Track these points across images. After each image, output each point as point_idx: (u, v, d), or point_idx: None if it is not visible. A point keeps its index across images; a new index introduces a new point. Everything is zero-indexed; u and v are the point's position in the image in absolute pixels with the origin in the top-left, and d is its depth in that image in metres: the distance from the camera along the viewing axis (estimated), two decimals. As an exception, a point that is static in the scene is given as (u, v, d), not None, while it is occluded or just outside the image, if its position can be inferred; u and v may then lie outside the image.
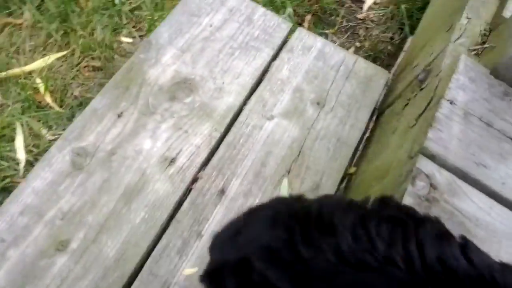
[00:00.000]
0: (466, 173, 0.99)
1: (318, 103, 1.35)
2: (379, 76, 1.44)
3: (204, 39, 1.35)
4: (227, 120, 1.25)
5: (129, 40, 1.54)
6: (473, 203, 0.96)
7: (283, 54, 1.40)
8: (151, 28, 1.52)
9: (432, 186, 0.95)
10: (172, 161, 1.16)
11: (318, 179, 1.24)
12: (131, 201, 1.10)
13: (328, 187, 1.24)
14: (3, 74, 1.41)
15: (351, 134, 1.33)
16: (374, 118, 1.41)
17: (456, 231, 0.88)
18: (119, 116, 1.19)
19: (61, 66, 1.49)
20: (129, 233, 1.06)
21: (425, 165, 0.97)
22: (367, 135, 1.39)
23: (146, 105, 1.21)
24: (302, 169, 1.25)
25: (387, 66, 1.62)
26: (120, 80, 1.23)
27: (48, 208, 1.05)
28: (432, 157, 0.98)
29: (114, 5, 1.64)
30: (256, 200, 1.18)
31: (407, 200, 0.92)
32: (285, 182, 1.22)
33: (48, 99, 1.41)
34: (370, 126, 1.40)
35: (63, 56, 1.49)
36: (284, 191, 1.21)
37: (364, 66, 1.44)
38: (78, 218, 1.05)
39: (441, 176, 0.97)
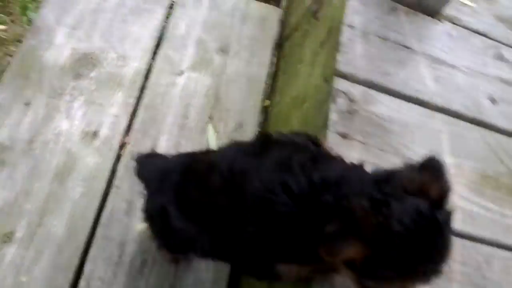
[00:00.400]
0: (375, 83, 1.18)
1: (222, 51, 1.47)
2: (272, 14, 1.60)
3: (93, 12, 1.42)
4: (138, 84, 1.35)
5: (2, 27, 1.50)
6: (384, 106, 1.16)
7: (176, 10, 1.50)
8: (25, 12, 1.49)
9: (350, 100, 1.12)
10: (95, 134, 1.24)
11: (240, 118, 1.38)
12: (65, 180, 1.17)
13: (251, 123, 1.38)
14: None
15: (259, 72, 1.48)
16: (275, 53, 1.56)
17: (377, 132, 1.08)
18: (27, 104, 1.23)
19: None
20: (72, 209, 1.14)
21: (341, 84, 1.13)
22: (273, 69, 1.54)
23: (52, 88, 1.27)
24: (223, 113, 1.37)
25: (276, 2, 1.76)
26: (17, 70, 1.28)
27: (-19, 207, 1.09)
28: (345, 77, 1.16)
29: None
30: (186, 149, 1.28)
31: (333, 116, 1.08)
32: (209, 128, 1.34)
33: None
34: (274, 61, 1.55)
35: None
36: (210, 136, 1.33)
37: (255, 7, 1.59)
38: (16, 209, 1.11)
39: (356, 91, 1.14)
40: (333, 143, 1.00)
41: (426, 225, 0.71)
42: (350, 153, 1.01)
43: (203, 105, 1.37)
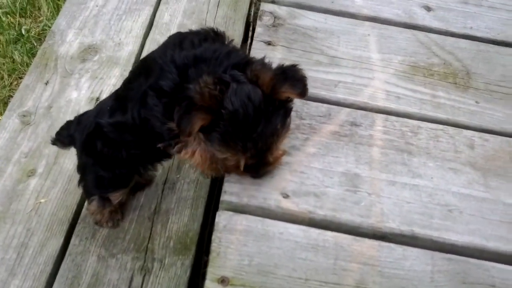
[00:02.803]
0: (301, 3, 1.45)
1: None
2: (243, -2, 1.93)
3: (95, 16, 1.82)
4: (131, 61, 1.70)
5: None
6: (310, 19, 1.42)
7: (162, 6, 1.88)
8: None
9: (276, 17, 1.40)
10: (97, 99, 1.59)
11: (218, 77, 1.68)
12: (75, 132, 1.50)
13: (228, 80, 1.67)
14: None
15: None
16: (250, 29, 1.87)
17: (300, 38, 1.34)
18: (46, 84, 1.62)
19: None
20: (80, 151, 1.46)
21: (267, 6, 1.42)
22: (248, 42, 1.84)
23: (64, 71, 1.65)
24: (203, 74, 1.68)
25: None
26: (38, 62, 1.68)
27: (12, 154, 1.45)
28: (272, 2, 1.44)
29: (23, 35, 2.11)
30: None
31: (258, 30, 1.36)
32: (192, 86, 1.65)
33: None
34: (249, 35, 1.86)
35: (-7, 81, 1.93)
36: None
37: (229, -5, 1.93)
38: (38, 153, 1.45)
39: (281, 10, 1.43)
40: (258, 49, 1.27)
41: (252, 109, 0.88)
42: (275, 54, 1.27)
43: (186, 71, 1.69)
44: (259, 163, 1.00)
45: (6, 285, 1.22)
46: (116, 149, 1.13)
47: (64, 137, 1.25)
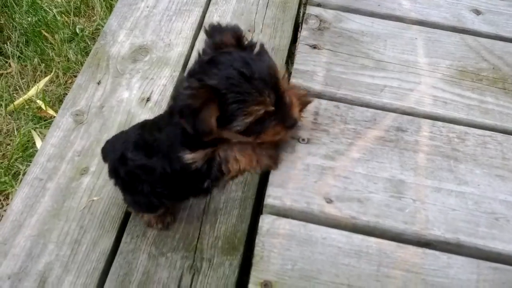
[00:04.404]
0: (347, 7, 1.47)
1: (249, 30, 1.86)
2: (293, -2, 1.96)
3: (145, 17, 1.89)
4: (181, 62, 1.77)
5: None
6: (356, 23, 1.43)
7: (211, 7, 1.93)
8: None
9: (322, 21, 1.42)
10: (148, 99, 1.66)
11: (265, 78, 1.71)
12: (125, 131, 1.58)
13: (275, 81, 1.71)
14: (11, 106, 1.96)
15: (281, 43, 1.83)
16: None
17: (346, 42, 1.36)
18: (98, 83, 1.70)
19: (52, 86, 2.03)
20: (130, 150, 1.53)
21: (312, 9, 1.44)
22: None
23: (116, 71, 1.73)
24: (250, 75, 1.73)
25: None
26: (91, 62, 1.77)
27: (66, 152, 1.54)
28: (318, 5, 1.46)
29: (77, 34, 2.21)
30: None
31: (304, 33, 1.39)
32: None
33: (50, 111, 1.94)
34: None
35: (50, 79, 2.04)
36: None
37: (278, -5, 1.97)
38: (90, 152, 1.54)
39: (327, 13, 1.44)
40: (304, 53, 1.29)
41: (240, 64, 0.94)
42: (320, 58, 1.29)
43: (233, 71, 1.74)
44: (283, 108, 1.02)
45: (61, 281, 1.30)
46: (140, 182, 1.22)
47: (105, 152, 1.36)
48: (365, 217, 1.05)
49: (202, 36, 1.84)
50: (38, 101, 1.97)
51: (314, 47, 1.33)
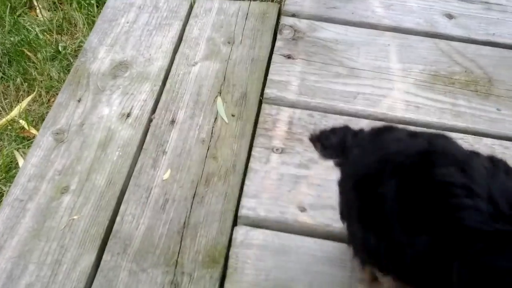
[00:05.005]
0: (321, 16, 1.50)
1: (228, 42, 1.88)
2: (272, 8, 1.98)
3: (126, 33, 1.92)
4: (161, 76, 1.79)
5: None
6: (330, 32, 1.47)
7: (191, 21, 1.96)
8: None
9: (296, 30, 1.45)
10: (129, 115, 1.68)
11: (244, 90, 1.74)
12: (106, 148, 1.60)
13: (254, 93, 1.73)
14: (-7, 127, 1.98)
15: (261, 53, 1.84)
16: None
17: (320, 51, 1.39)
18: (79, 101, 1.72)
19: (35, 105, 2.06)
20: (111, 167, 1.55)
21: (286, 20, 1.47)
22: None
23: (96, 88, 1.76)
24: (230, 87, 1.75)
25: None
26: (71, 79, 1.79)
27: (46, 171, 1.55)
28: (292, 15, 1.49)
29: (60, 52, 2.24)
30: (200, 118, 1.67)
31: (278, 44, 1.41)
32: (218, 99, 1.72)
33: (33, 131, 1.96)
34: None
35: (32, 98, 2.07)
36: (219, 105, 1.71)
37: (257, 6, 1.99)
38: (71, 170, 1.55)
39: (301, 23, 1.48)
40: (278, 63, 1.32)
41: None
42: (294, 68, 1.32)
43: (213, 84, 1.76)
44: None
45: (41, 302, 1.31)
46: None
47: (332, 145, 0.99)
48: (339, 224, 1.06)
49: (182, 49, 1.87)
50: (20, 121, 1.99)
51: (289, 57, 1.36)
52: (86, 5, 2.41)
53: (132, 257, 1.39)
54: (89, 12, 2.39)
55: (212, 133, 1.65)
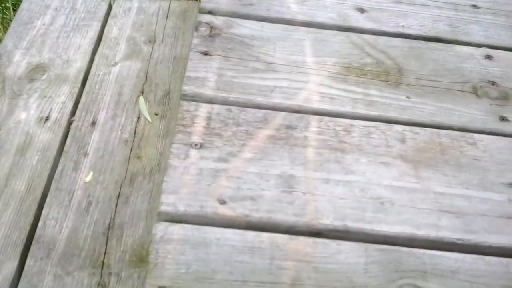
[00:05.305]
0: (237, 12, 1.53)
1: (149, 41, 1.88)
2: (192, 7, 2.00)
3: (42, 35, 1.88)
4: (80, 78, 1.76)
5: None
6: (247, 28, 1.50)
7: (110, 21, 1.94)
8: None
9: (212, 27, 1.47)
10: (47, 118, 1.65)
11: (167, 88, 1.75)
12: (25, 153, 1.56)
13: (177, 91, 1.75)
14: None
15: (183, 51, 1.86)
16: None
17: (237, 47, 1.41)
18: None
19: None
20: (31, 171, 1.52)
21: (203, 17, 1.49)
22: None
23: (12, 92, 1.71)
24: (152, 86, 1.76)
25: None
26: None
27: (-39, 180, 1.50)
28: (209, 12, 1.51)
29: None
30: (122, 119, 1.66)
31: (195, 41, 1.43)
32: (141, 99, 1.72)
33: None
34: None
35: None
36: (142, 105, 1.70)
37: (178, 5, 2.01)
38: None
39: (218, 20, 1.50)
40: (195, 60, 1.34)
41: None
42: (211, 64, 1.34)
43: (135, 84, 1.76)
44: None
45: (-41, 312, 1.27)
46: None
47: None
48: (258, 214, 1.10)
49: (101, 49, 1.85)
50: None
51: (206, 53, 1.38)
52: (1, 8, 2.34)
53: (56, 261, 1.37)
54: (4, 16, 2.33)
55: (135, 133, 1.65)
